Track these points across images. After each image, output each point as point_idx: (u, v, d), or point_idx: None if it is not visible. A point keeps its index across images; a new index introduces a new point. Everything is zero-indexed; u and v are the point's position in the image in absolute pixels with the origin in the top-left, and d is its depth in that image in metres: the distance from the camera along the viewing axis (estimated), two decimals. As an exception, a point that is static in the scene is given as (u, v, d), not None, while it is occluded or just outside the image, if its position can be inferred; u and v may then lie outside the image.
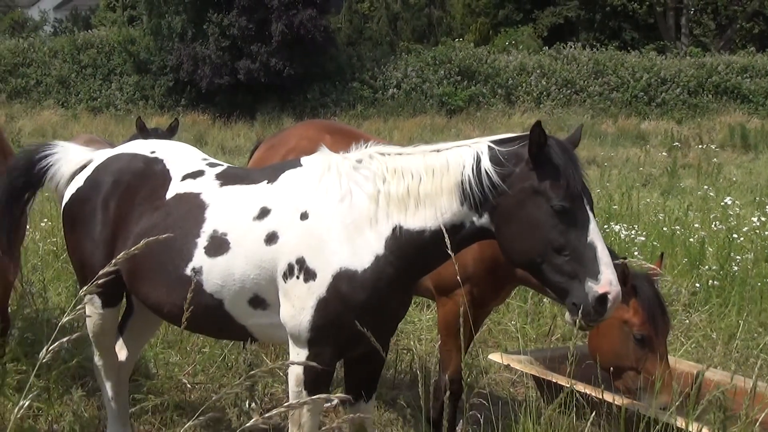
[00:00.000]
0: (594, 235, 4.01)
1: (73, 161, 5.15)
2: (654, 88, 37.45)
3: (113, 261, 3.42)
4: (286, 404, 3.06)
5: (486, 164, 4.10)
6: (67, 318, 3.34)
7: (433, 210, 4.20)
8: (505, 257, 4.32)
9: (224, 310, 4.47)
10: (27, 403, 3.32)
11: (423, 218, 4.21)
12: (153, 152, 4.97)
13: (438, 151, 4.32)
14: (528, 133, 4.15)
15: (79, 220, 4.92)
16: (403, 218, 4.22)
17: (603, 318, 4.04)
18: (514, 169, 4.09)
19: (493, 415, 5.23)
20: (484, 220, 4.18)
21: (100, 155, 5.13)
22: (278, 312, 4.37)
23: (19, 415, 5.51)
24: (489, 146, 4.19)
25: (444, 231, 4.13)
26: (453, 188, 4.18)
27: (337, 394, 3.66)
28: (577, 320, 4.05)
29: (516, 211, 4.08)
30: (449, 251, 4.12)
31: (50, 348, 3.28)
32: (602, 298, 3.93)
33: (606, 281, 3.93)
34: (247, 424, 3.05)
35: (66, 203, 5.01)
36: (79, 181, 4.98)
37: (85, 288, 3.49)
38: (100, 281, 4.32)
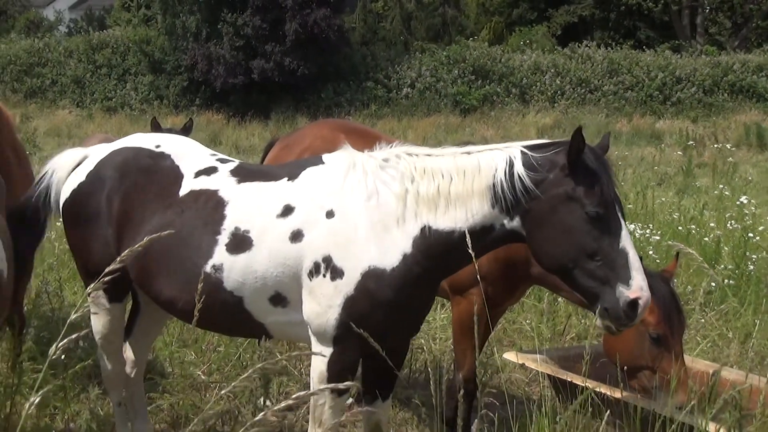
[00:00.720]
0: (626, 241, 4.04)
1: (65, 165, 5.10)
2: (669, 87, 37.33)
3: (118, 258, 3.41)
4: (294, 396, 3.06)
5: (519, 169, 4.12)
6: (75, 316, 3.34)
7: (463, 211, 4.21)
8: (536, 261, 4.34)
9: (243, 307, 4.46)
10: (38, 400, 3.33)
11: (453, 219, 4.21)
12: (158, 146, 4.95)
13: (469, 153, 4.33)
14: (559, 140, 4.22)
15: (82, 217, 4.88)
16: (432, 218, 4.23)
17: (633, 323, 4.06)
18: (547, 174, 4.10)
19: (508, 414, 5.22)
20: (515, 223, 4.19)
21: (97, 150, 5.09)
22: (298, 310, 4.37)
23: (31, 412, 5.55)
24: (522, 151, 4.20)
25: (467, 233, 4.15)
26: (484, 190, 4.19)
27: (348, 383, 3.67)
28: (608, 324, 4.07)
29: (549, 216, 4.09)
30: (470, 251, 4.13)
31: (60, 345, 3.29)
32: (633, 303, 3.96)
33: (637, 287, 3.96)
34: (258, 417, 3.05)
35: (66, 199, 4.96)
36: (80, 176, 4.94)
37: (92, 286, 3.50)
38: (106, 278, 4.35)
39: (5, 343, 6.11)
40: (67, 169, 5.07)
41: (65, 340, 3.22)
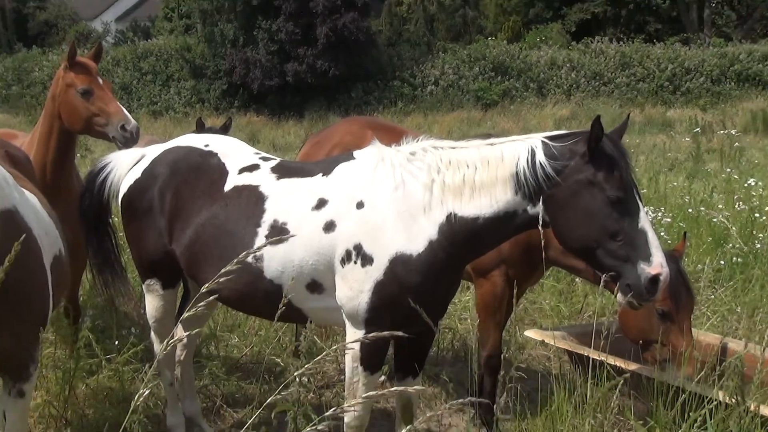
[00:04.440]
0: (644, 221, 4.03)
1: (125, 162, 5.21)
2: (678, 78, 37.11)
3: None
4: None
5: (541, 157, 4.11)
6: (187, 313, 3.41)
7: (488, 198, 4.20)
8: (560, 243, 4.33)
9: (283, 294, 4.50)
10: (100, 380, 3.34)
11: (478, 206, 4.21)
12: (207, 146, 5.00)
13: (492, 144, 4.33)
14: (577, 131, 4.22)
15: (137, 211, 4.96)
16: (458, 206, 4.23)
17: (654, 298, 4.05)
18: (568, 162, 4.09)
19: (530, 387, 5.23)
20: (538, 209, 4.18)
21: (152, 150, 5.17)
22: (333, 296, 4.40)
23: (88, 393, 5.64)
24: (543, 141, 4.19)
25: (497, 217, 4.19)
26: (508, 178, 4.18)
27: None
28: (630, 300, 4.08)
29: (572, 200, 4.08)
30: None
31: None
32: (654, 279, 3.95)
33: (657, 263, 3.96)
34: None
35: (124, 195, 5.05)
36: (136, 173, 5.02)
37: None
38: (158, 268, 4.43)
39: (64, 332, 6.20)
40: (125, 167, 5.17)
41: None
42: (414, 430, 4.71)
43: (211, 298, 3.56)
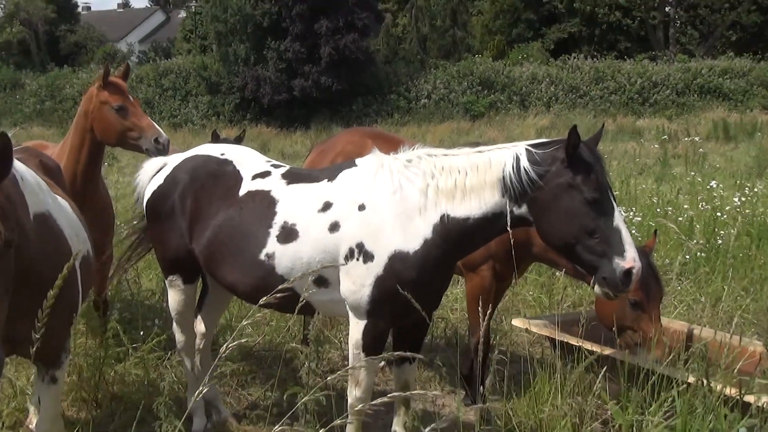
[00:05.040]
0: (619, 220, 4.02)
1: (148, 170, 5.21)
2: (647, 91, 37.19)
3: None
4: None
5: (525, 163, 4.10)
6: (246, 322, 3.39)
7: (478, 200, 4.19)
8: (543, 240, 4.31)
9: (293, 288, 4.50)
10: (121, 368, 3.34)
11: (469, 207, 4.20)
12: (223, 154, 5.00)
13: (481, 152, 4.33)
14: (557, 139, 4.21)
15: (161, 214, 4.96)
16: (450, 207, 4.22)
17: (627, 289, 4.05)
18: (550, 167, 4.08)
19: (515, 371, 5.23)
20: (523, 209, 4.16)
21: (174, 158, 5.17)
22: (338, 289, 4.38)
23: (117, 378, 5.64)
24: (527, 149, 4.18)
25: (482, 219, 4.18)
26: (495, 182, 4.17)
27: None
28: (606, 291, 4.07)
29: (553, 202, 4.07)
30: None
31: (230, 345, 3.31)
32: (628, 272, 3.94)
33: (631, 258, 3.95)
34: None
35: (148, 199, 5.04)
36: (159, 180, 5.02)
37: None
38: (179, 265, 4.44)
39: (94, 323, 6.19)
40: (150, 174, 5.17)
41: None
42: (411, 410, 4.73)
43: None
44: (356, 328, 4.40)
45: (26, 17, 50.34)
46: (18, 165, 3.42)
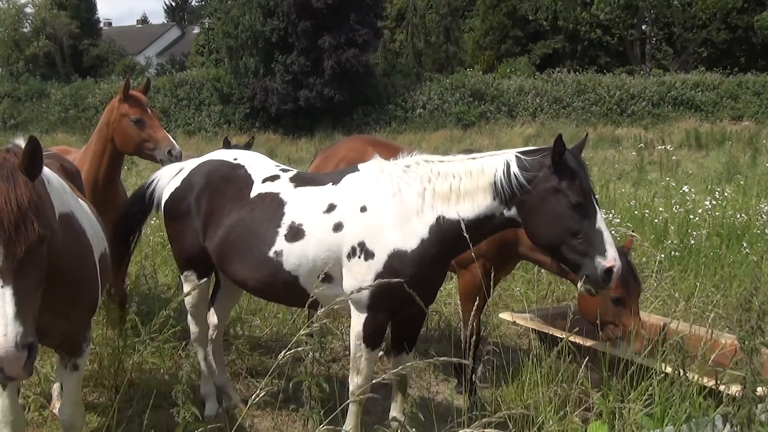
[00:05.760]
0: (600, 222, 4.02)
1: (166, 175, 5.20)
2: (625, 102, 37.17)
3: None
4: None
5: (514, 169, 4.11)
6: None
7: (471, 203, 4.19)
8: (531, 241, 4.32)
9: (299, 284, 4.49)
10: (138, 358, 3.33)
11: (462, 210, 4.20)
12: (235, 159, 4.99)
13: (474, 158, 4.33)
14: (543, 147, 4.22)
15: (177, 215, 4.95)
16: (446, 210, 4.22)
17: (608, 286, 4.04)
18: (537, 173, 4.08)
19: (504, 361, 5.22)
20: (512, 212, 4.17)
21: (189, 163, 5.16)
22: (341, 285, 4.38)
23: (134, 367, 5.61)
24: (516, 156, 4.18)
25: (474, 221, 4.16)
26: (487, 187, 4.17)
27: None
28: (588, 288, 4.06)
29: (540, 205, 4.07)
30: (465, 234, 4.13)
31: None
32: (609, 270, 3.95)
33: (611, 257, 3.95)
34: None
35: (166, 201, 5.03)
36: (176, 183, 5.01)
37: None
38: (194, 262, 4.41)
39: (113, 315, 6.17)
40: (167, 178, 5.15)
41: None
42: (408, 396, 4.71)
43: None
44: (357, 320, 4.39)
45: (52, 32, 50.24)
46: (44, 168, 3.41)
